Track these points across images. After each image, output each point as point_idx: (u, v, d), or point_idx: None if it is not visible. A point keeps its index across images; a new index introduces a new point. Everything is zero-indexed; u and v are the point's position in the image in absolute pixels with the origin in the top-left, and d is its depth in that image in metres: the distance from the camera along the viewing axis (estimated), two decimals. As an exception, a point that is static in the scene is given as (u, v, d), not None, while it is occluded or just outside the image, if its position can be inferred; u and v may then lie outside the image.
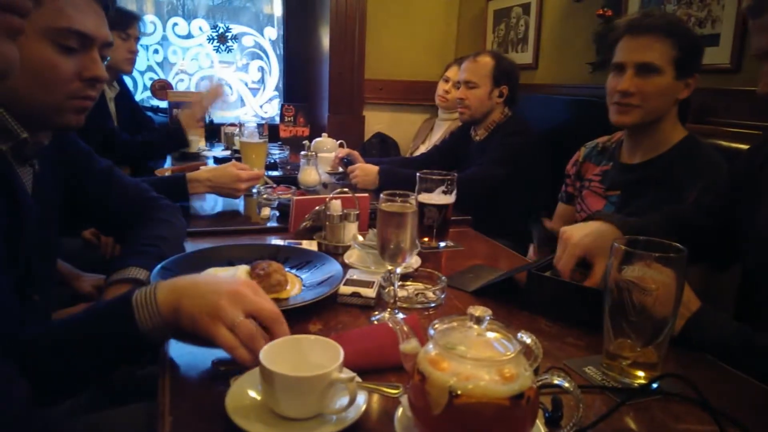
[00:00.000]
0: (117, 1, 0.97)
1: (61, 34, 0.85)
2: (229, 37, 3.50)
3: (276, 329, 0.75)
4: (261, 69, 3.68)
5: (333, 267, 1.11)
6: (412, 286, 1.09)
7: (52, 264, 1.06)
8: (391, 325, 0.65)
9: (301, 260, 1.16)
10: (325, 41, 3.33)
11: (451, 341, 0.59)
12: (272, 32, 3.65)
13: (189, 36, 3.46)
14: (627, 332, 0.77)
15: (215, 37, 3.48)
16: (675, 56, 1.37)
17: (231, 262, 1.12)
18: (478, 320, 0.58)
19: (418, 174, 1.39)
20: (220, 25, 3.49)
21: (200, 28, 3.47)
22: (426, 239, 1.40)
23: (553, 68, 2.74)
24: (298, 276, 1.10)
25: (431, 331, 0.60)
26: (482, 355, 0.57)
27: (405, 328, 0.65)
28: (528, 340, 0.58)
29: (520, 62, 2.81)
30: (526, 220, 1.89)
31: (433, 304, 1.03)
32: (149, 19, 3.35)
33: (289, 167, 2.34)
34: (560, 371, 0.60)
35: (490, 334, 0.60)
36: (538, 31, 2.78)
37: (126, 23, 2.42)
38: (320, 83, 3.48)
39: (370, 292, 1.00)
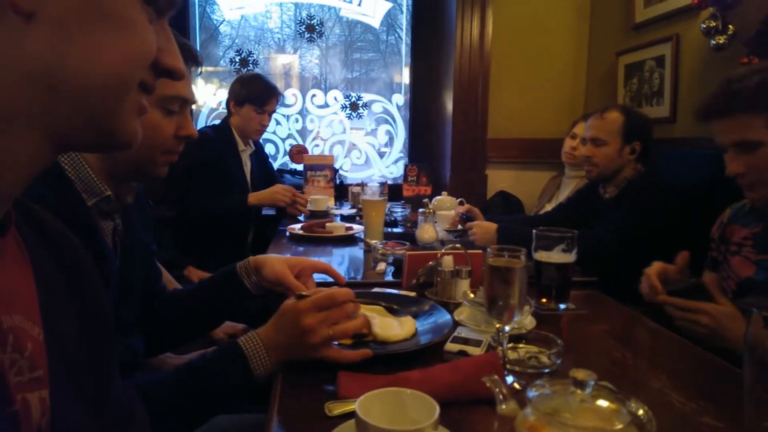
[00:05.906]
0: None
1: (170, 100, 0.96)
2: (360, 105, 3.75)
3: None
4: (389, 133, 3.87)
5: (443, 316, 1.11)
6: (524, 349, 1.03)
7: (134, 310, 1.10)
8: (489, 384, 0.62)
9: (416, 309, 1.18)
10: (449, 104, 3.43)
11: (552, 406, 0.55)
12: (399, 98, 3.85)
13: (325, 105, 3.78)
14: (777, 416, 0.65)
15: (347, 106, 3.76)
16: None
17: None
18: (581, 384, 0.53)
19: (534, 231, 1.34)
20: (353, 94, 3.77)
21: (335, 98, 3.77)
22: (544, 300, 1.32)
23: (693, 121, 2.53)
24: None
25: (530, 393, 0.56)
26: (587, 423, 0.52)
27: (504, 390, 0.62)
28: (639, 411, 0.51)
29: (655, 116, 2.65)
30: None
31: (547, 370, 0.96)
32: (291, 92, 3.71)
33: (409, 224, 2.39)
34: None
35: (601, 402, 0.54)
36: (674, 82, 2.61)
37: (264, 100, 2.68)
38: (443, 144, 3.56)
39: (478, 351, 0.97)
